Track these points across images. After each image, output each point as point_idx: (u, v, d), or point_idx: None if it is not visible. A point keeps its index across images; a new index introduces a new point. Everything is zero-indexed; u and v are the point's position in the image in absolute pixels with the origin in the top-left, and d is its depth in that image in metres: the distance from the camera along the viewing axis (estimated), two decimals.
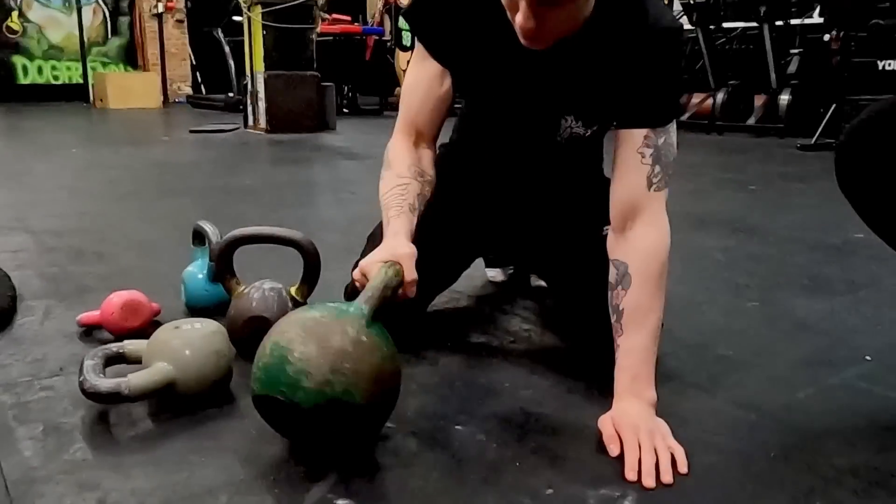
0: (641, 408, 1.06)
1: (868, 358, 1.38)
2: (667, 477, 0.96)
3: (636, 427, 1.02)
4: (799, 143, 4.95)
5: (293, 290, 1.39)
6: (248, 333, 1.34)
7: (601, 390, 1.18)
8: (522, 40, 1.05)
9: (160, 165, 4.35)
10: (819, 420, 1.15)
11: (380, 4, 10.84)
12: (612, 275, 1.15)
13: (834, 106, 4.95)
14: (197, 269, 1.61)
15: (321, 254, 1.41)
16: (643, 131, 1.13)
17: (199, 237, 1.64)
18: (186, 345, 1.16)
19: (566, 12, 1.01)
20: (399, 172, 1.26)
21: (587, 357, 1.39)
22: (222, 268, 1.41)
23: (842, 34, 5.07)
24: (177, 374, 1.14)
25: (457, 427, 1.11)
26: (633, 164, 1.13)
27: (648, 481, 0.95)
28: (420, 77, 1.27)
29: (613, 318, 1.14)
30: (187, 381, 1.14)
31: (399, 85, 10.67)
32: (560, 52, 1.10)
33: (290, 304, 1.36)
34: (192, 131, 6.08)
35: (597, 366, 1.32)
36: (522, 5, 0.99)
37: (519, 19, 1.01)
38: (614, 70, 1.14)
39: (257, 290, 1.37)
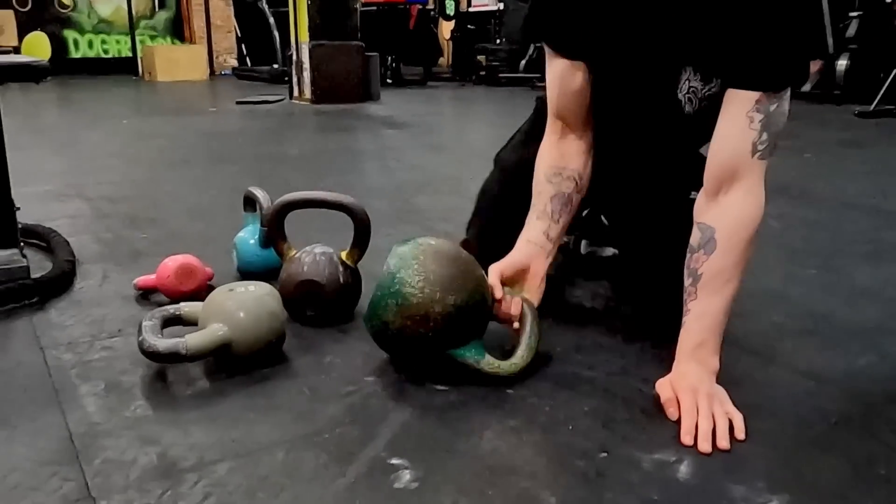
0: (702, 373, 1.04)
1: None
2: (723, 442, 0.95)
3: (695, 390, 1.01)
4: (857, 110, 4.77)
5: (344, 255, 1.40)
6: (299, 296, 1.35)
7: (655, 355, 1.17)
8: None
9: (208, 135, 4.40)
10: (880, 387, 1.12)
11: None
12: (696, 237, 1.10)
13: (895, 72, 4.75)
14: (248, 235, 1.63)
15: (371, 221, 1.41)
16: (756, 94, 1.03)
17: (250, 203, 1.65)
18: (241, 307, 1.18)
19: None
20: (538, 178, 1.28)
21: (642, 321, 1.38)
22: (274, 233, 1.42)
23: None
24: (232, 335, 1.15)
25: (508, 391, 1.11)
26: (741, 126, 1.05)
27: (705, 446, 0.94)
28: (554, 74, 1.25)
29: (689, 282, 1.09)
30: (242, 341, 1.16)
31: (442, 54, 10.61)
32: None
33: (340, 268, 1.37)
34: (238, 102, 6.12)
35: (652, 330, 1.30)
36: None
37: None
38: (735, 16, 1.03)
39: (308, 254, 1.38)
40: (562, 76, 1.24)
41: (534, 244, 1.24)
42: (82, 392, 1.11)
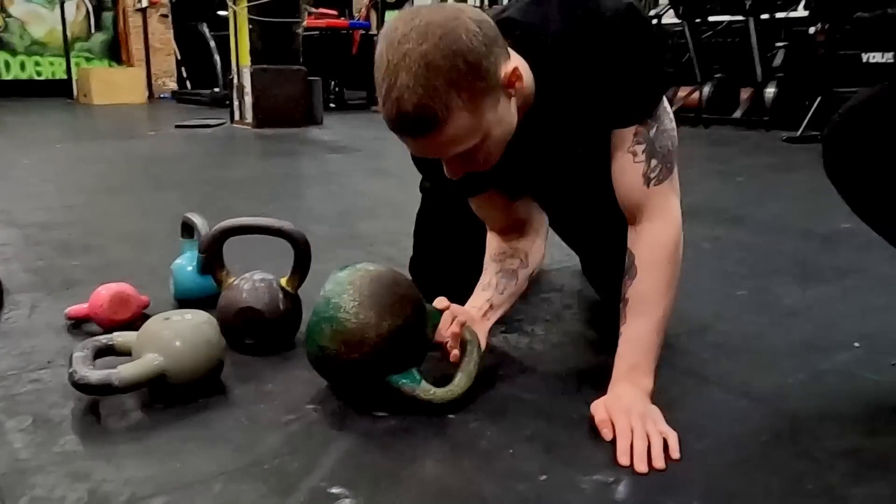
0: (635, 393, 1.06)
1: (857, 344, 1.39)
2: (659, 462, 0.96)
3: (629, 411, 1.03)
4: (785, 136, 4.97)
5: (284, 282, 1.39)
6: (238, 324, 1.33)
7: (596, 376, 1.19)
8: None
9: (147, 159, 4.31)
10: (810, 405, 1.16)
11: None
12: (625, 266, 1.15)
13: (819, 98, 4.97)
14: (186, 262, 1.60)
15: (311, 245, 1.40)
16: (631, 129, 1.11)
17: (187, 229, 1.63)
18: (177, 335, 1.15)
19: (483, 146, 1.00)
20: (486, 258, 1.33)
21: (584, 342, 1.40)
22: (212, 259, 1.40)
23: (827, 27, 5.10)
24: (168, 365, 1.13)
25: (450, 416, 1.11)
26: (628, 164, 1.12)
27: (640, 466, 0.95)
28: (475, 205, 1.35)
29: (621, 307, 1.14)
30: (178, 371, 1.14)
31: None
32: (531, 123, 1.10)
33: (280, 295, 1.36)
34: (178, 126, 6.03)
35: (593, 351, 1.32)
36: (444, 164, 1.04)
37: (447, 173, 1.05)
38: (586, 97, 1.10)
39: (247, 281, 1.37)
40: (479, 205, 1.33)
41: (477, 309, 1.25)
42: (8, 427, 1.06)
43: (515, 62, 1.00)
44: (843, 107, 1.14)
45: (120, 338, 1.21)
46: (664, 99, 1.15)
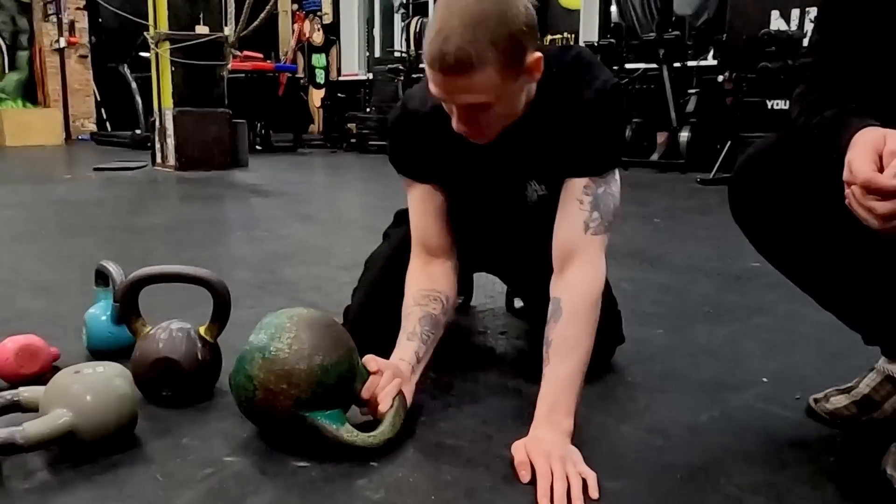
0: (555, 436, 1.08)
1: (765, 380, 1.45)
2: (578, 503, 0.98)
3: (548, 454, 1.04)
4: (699, 178, 5.20)
5: (202, 330, 1.36)
6: (154, 375, 1.30)
7: (519, 420, 1.20)
8: (467, 138, 1.17)
9: (61, 204, 4.17)
10: (722, 441, 1.20)
11: (292, 42, 10.85)
12: (549, 311, 1.20)
13: (729, 143, 5.24)
14: (100, 311, 1.55)
15: (233, 292, 1.38)
16: (583, 180, 1.22)
17: (102, 278, 1.58)
18: (87, 390, 1.11)
19: (490, 111, 1.11)
20: (406, 302, 1.34)
21: (508, 385, 1.41)
22: (127, 309, 1.36)
23: (734, 76, 5.39)
24: (77, 421, 1.08)
25: (373, 464, 1.10)
26: (573, 209, 1.22)
27: None
28: (415, 201, 1.38)
29: (544, 349, 1.18)
30: (89, 427, 1.09)
31: (313, 121, 10.68)
32: (512, 134, 1.22)
33: (198, 344, 1.33)
34: (96, 169, 5.86)
35: (517, 394, 1.34)
36: (453, 109, 1.12)
37: (454, 125, 1.14)
38: (558, 137, 1.23)
39: (164, 330, 1.33)
40: (422, 199, 1.36)
41: (405, 363, 1.26)
42: None
43: (542, 57, 1.12)
44: (743, 155, 1.21)
45: (26, 393, 1.16)
46: (617, 171, 1.27)
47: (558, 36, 7.69)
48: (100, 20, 10.31)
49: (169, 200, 4.63)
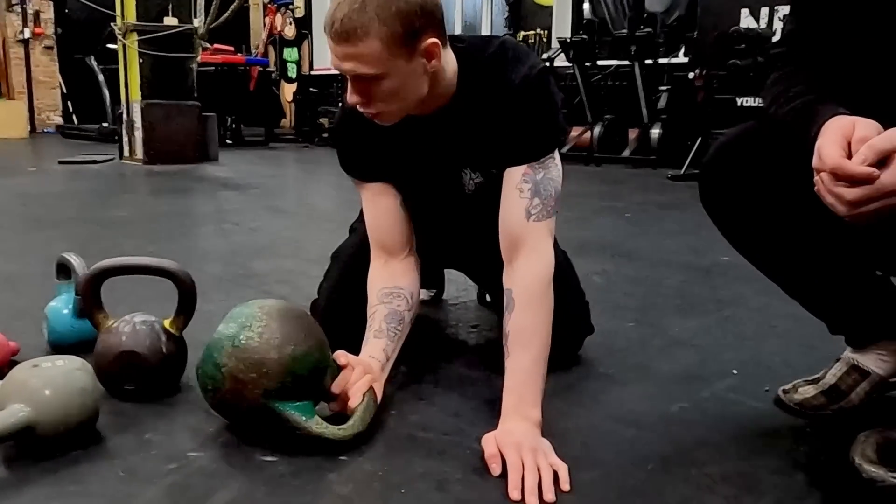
0: (525, 427, 1.08)
1: (735, 371, 1.46)
2: (549, 495, 0.97)
3: (519, 445, 1.03)
4: (670, 174, 5.24)
5: (167, 323, 1.33)
6: (117, 369, 1.26)
7: (489, 412, 1.19)
8: (373, 119, 1.19)
9: (24, 196, 4.08)
10: (693, 431, 1.20)
11: (264, 35, 10.73)
12: (504, 303, 1.20)
13: (700, 139, 5.28)
14: (62, 304, 1.51)
15: (201, 285, 1.35)
16: (521, 168, 1.22)
17: (64, 270, 1.54)
18: (46, 384, 1.08)
19: (381, 86, 1.12)
20: (371, 301, 1.34)
21: (478, 378, 1.40)
22: (89, 301, 1.32)
23: (704, 72, 5.43)
24: (36, 416, 1.05)
25: (342, 458, 1.08)
26: (514, 198, 1.22)
27: (532, 499, 0.96)
28: (367, 201, 1.38)
29: (503, 342, 1.17)
30: (48, 422, 1.06)
31: (285, 116, 10.58)
32: (439, 121, 1.24)
33: (163, 338, 1.30)
34: (61, 162, 5.74)
35: (487, 386, 1.33)
36: (348, 85, 1.14)
37: (348, 98, 1.15)
38: (488, 125, 1.23)
39: (127, 323, 1.30)
40: (373, 198, 1.36)
41: (375, 360, 1.25)
42: None
43: (439, 43, 1.13)
44: (714, 143, 1.21)
45: None
46: (556, 154, 1.25)
47: (531, 32, 7.71)
48: (66, 10, 10.10)
49: (136, 194, 4.56)
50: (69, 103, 10.30)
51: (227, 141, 7.84)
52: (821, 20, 1.12)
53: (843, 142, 0.93)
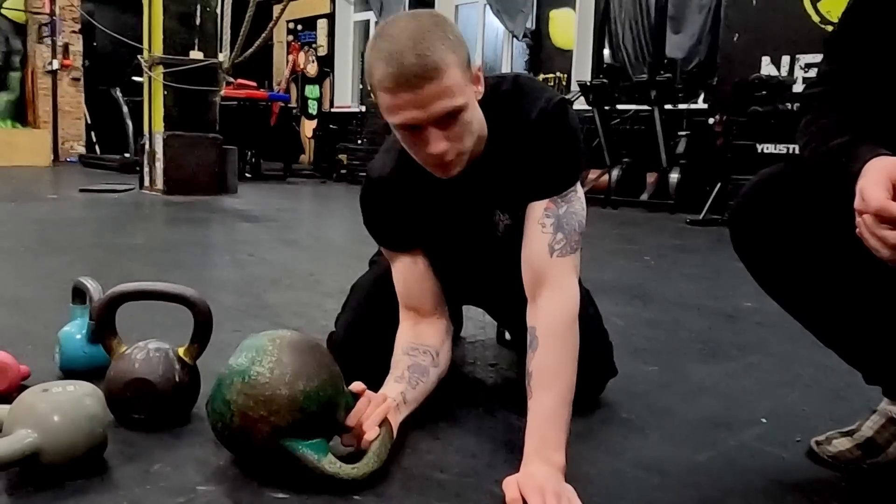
0: (548, 471, 1.03)
1: (764, 420, 1.41)
2: None
3: (542, 490, 0.99)
4: (688, 219, 5.20)
5: (181, 351, 1.30)
6: (128, 397, 1.23)
7: (508, 454, 1.15)
8: (439, 172, 1.15)
9: (43, 223, 4.10)
10: (721, 481, 1.15)
11: (287, 72, 10.90)
12: (528, 341, 1.16)
13: (719, 185, 5.25)
14: (75, 329, 1.49)
15: (215, 315, 1.32)
16: (543, 203, 1.20)
17: (79, 294, 1.52)
18: (55, 409, 1.05)
19: (462, 120, 1.09)
20: (396, 353, 1.32)
21: (496, 419, 1.36)
22: (103, 326, 1.30)
23: (724, 118, 5.43)
24: (42, 443, 1.02)
25: (355, 497, 1.04)
26: (536, 234, 1.19)
27: None
28: (398, 269, 1.35)
29: (526, 382, 1.13)
30: (54, 449, 1.03)
31: (304, 152, 10.68)
32: (472, 171, 1.20)
33: (176, 366, 1.27)
34: (81, 190, 5.80)
35: (506, 429, 1.29)
36: (426, 137, 1.09)
37: (432, 150, 1.10)
38: (512, 164, 1.22)
39: (141, 350, 1.27)
40: (405, 267, 1.34)
41: (392, 399, 1.21)
42: None
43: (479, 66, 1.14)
44: (747, 184, 1.18)
45: None
46: (578, 187, 1.23)
47: (551, 75, 7.77)
48: (94, 44, 10.32)
49: (154, 222, 4.57)
50: (93, 134, 10.46)
51: (247, 174, 7.91)
52: (857, 59, 1.10)
53: (888, 183, 0.89)
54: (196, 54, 5.83)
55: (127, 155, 8.52)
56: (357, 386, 1.16)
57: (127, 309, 1.31)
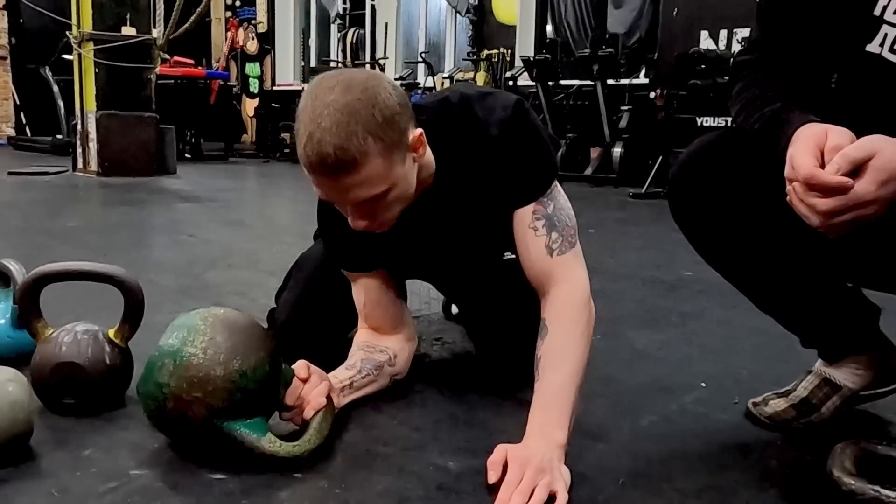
0: (545, 448, 1.00)
1: (703, 384, 1.43)
2: None
3: (526, 462, 0.97)
4: (631, 192, 5.27)
5: (111, 333, 1.25)
6: (55, 381, 1.18)
7: (452, 427, 1.14)
8: (372, 231, 1.11)
9: None
10: (663, 445, 1.16)
11: (225, 49, 10.62)
12: (539, 331, 1.14)
13: (661, 158, 5.33)
14: None
15: (153, 296, 1.27)
16: (529, 207, 1.17)
17: (3, 279, 1.45)
18: None
19: (385, 200, 1.04)
20: (352, 349, 1.31)
21: (440, 393, 1.35)
22: (27, 309, 1.24)
23: (665, 92, 5.50)
24: None
25: (296, 475, 1.01)
26: (530, 238, 1.17)
27: None
28: (357, 288, 1.33)
29: (534, 368, 1.11)
30: None
31: (246, 131, 10.45)
32: (427, 201, 1.17)
33: (107, 348, 1.22)
34: (11, 173, 5.56)
35: (449, 402, 1.28)
36: (347, 209, 1.06)
37: (351, 223, 1.07)
38: (479, 182, 1.19)
39: (68, 332, 1.22)
40: (366, 288, 1.32)
41: (338, 381, 1.20)
42: None
43: (422, 131, 1.08)
44: (684, 152, 1.18)
45: None
46: (557, 183, 1.21)
47: (495, 51, 7.74)
48: (21, 20, 9.87)
49: (88, 205, 4.42)
50: (22, 115, 10.03)
51: (186, 155, 7.71)
52: (787, 26, 1.10)
53: (816, 150, 0.90)
54: (129, 30, 5.62)
55: (59, 136, 8.20)
56: (301, 369, 1.13)
57: (55, 292, 1.25)
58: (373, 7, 9.06)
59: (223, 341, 1.03)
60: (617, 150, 6.04)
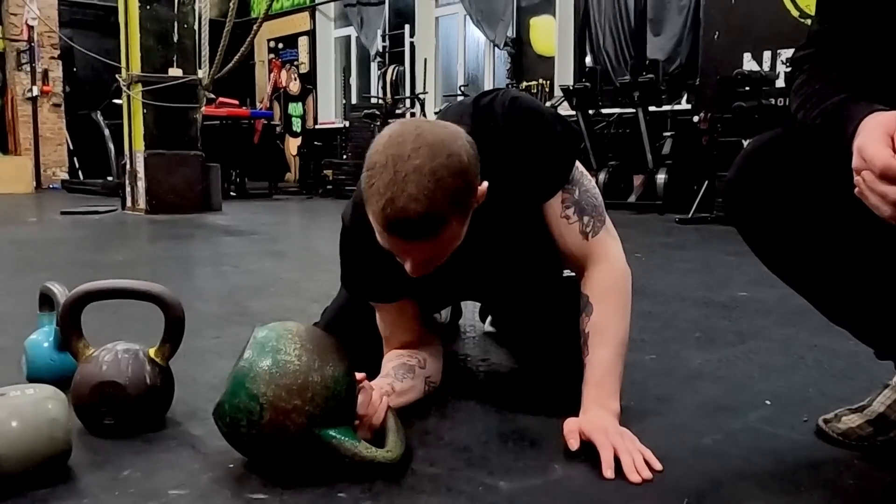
0: (606, 416, 1.10)
1: (768, 402, 1.34)
2: (645, 472, 1.00)
3: (605, 429, 1.06)
4: (677, 218, 5.16)
5: (152, 352, 1.23)
6: (96, 402, 1.16)
7: (500, 447, 1.08)
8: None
9: (21, 243, 4.01)
10: (728, 464, 1.08)
11: (269, 89, 10.86)
12: (581, 306, 1.21)
13: (706, 183, 5.22)
14: (42, 337, 1.41)
15: (195, 322, 1.26)
16: (557, 196, 1.20)
17: (47, 301, 1.45)
18: (12, 414, 0.98)
19: (439, 242, 1.02)
20: (383, 363, 1.31)
21: (487, 413, 1.29)
22: (69, 328, 1.23)
23: (709, 115, 5.41)
24: (0, 450, 0.94)
25: (340, 495, 0.97)
26: (564, 227, 1.21)
27: (634, 476, 0.99)
28: (383, 318, 1.33)
29: (582, 343, 1.18)
30: (13, 457, 0.96)
31: (289, 170, 10.62)
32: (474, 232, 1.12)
33: (147, 367, 1.19)
34: (63, 213, 5.71)
35: (496, 421, 1.22)
36: (407, 260, 1.05)
37: (408, 270, 1.06)
38: (508, 179, 1.16)
39: (109, 352, 1.20)
40: (391, 318, 1.32)
41: (377, 388, 1.17)
42: None
43: (485, 182, 1.07)
44: (740, 153, 1.12)
45: None
46: (578, 165, 1.23)
47: (534, 82, 7.75)
48: (74, 69, 10.25)
49: (136, 240, 4.49)
50: (75, 159, 10.36)
51: (231, 193, 7.84)
52: (851, 16, 1.05)
53: (887, 138, 0.84)
54: (175, 71, 5.77)
55: (110, 178, 8.43)
56: (358, 374, 1.10)
57: (96, 313, 1.24)
58: (412, 44, 9.17)
59: (313, 348, 1.02)
60: (661, 177, 5.93)
